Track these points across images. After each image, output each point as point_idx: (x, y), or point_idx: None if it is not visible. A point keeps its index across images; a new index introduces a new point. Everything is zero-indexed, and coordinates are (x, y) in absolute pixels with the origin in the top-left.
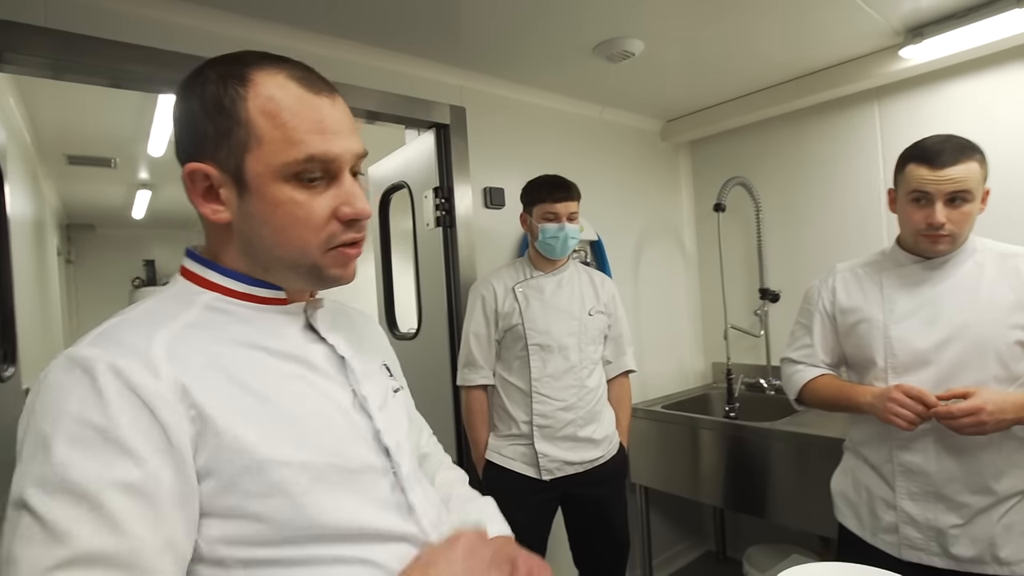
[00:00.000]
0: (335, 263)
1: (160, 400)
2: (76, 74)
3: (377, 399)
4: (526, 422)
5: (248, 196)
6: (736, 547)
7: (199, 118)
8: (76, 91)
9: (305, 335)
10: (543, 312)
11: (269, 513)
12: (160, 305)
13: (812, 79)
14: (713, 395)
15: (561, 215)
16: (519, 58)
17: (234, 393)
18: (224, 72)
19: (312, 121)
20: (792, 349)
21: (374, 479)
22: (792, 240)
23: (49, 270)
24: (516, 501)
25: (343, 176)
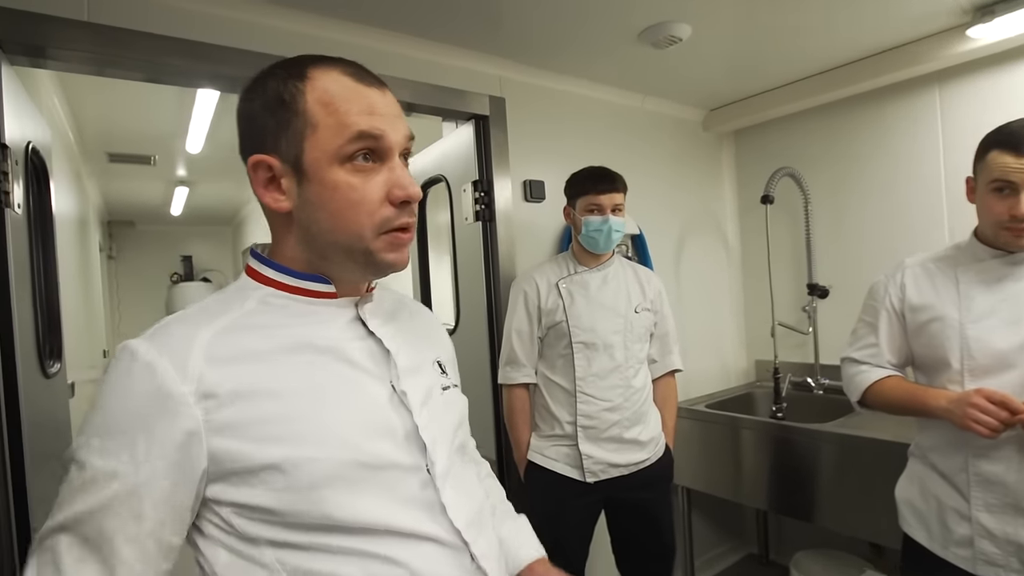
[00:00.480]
0: (388, 247)
1: (181, 404)
2: (117, 68)
3: (419, 394)
4: (570, 422)
5: (306, 183)
6: (779, 551)
7: (261, 114)
8: (117, 89)
9: (352, 329)
10: (588, 309)
11: (282, 507)
12: (219, 300)
13: (868, 63)
14: (757, 394)
15: (605, 207)
16: (561, 46)
17: (259, 393)
18: (284, 72)
19: (362, 105)
20: (855, 348)
21: (401, 476)
22: (842, 234)
23: (92, 266)
24: (559, 504)
25: (393, 159)
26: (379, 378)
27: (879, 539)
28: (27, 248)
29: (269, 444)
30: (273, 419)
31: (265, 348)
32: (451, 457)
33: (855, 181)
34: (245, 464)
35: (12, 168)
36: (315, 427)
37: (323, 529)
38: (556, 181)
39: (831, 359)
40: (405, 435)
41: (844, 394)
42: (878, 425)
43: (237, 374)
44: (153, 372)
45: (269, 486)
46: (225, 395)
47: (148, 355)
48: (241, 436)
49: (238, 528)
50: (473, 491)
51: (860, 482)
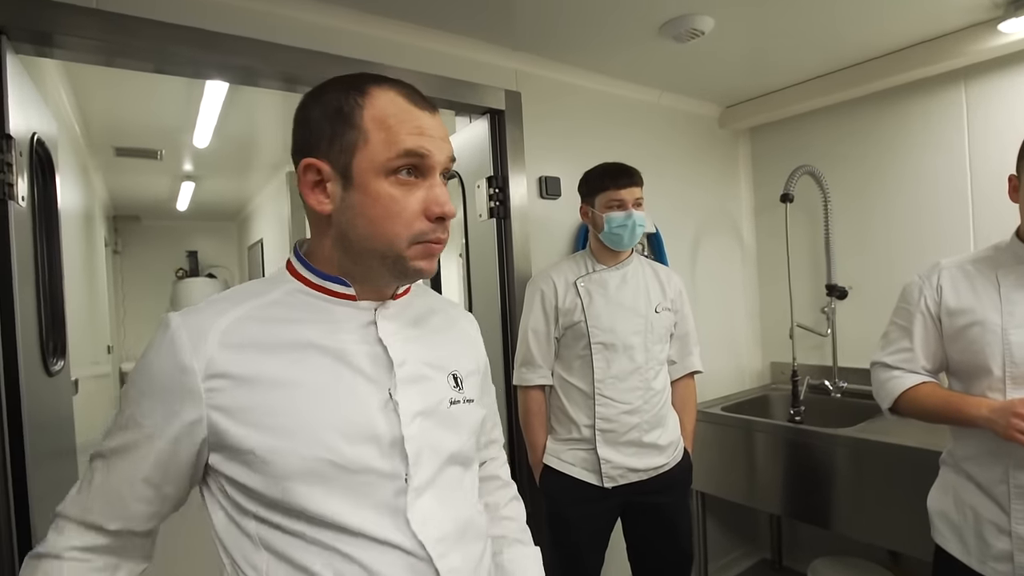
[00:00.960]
0: (419, 255)
1: (192, 379)
2: (125, 58)
3: (416, 405)
4: (588, 426)
5: (351, 190)
6: (793, 556)
7: (319, 121)
8: (124, 82)
9: (364, 332)
10: (607, 308)
11: (259, 489)
12: (255, 285)
13: (891, 59)
14: (773, 397)
15: (627, 202)
16: (580, 39)
17: (257, 382)
18: (347, 86)
19: (412, 125)
20: (887, 353)
21: (376, 481)
22: (862, 234)
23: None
24: (575, 509)
25: (434, 177)
26: (377, 384)
27: (898, 546)
28: (31, 242)
29: (253, 430)
30: (262, 408)
31: (273, 341)
32: (441, 471)
33: (876, 180)
34: (233, 444)
35: (16, 160)
36: (296, 422)
37: (296, 517)
38: (571, 178)
39: (849, 362)
40: (391, 443)
41: (863, 398)
42: (901, 431)
43: (242, 361)
44: (174, 345)
45: (250, 468)
46: (228, 378)
47: (176, 329)
48: (234, 418)
49: (232, 497)
50: (462, 507)
51: (880, 488)
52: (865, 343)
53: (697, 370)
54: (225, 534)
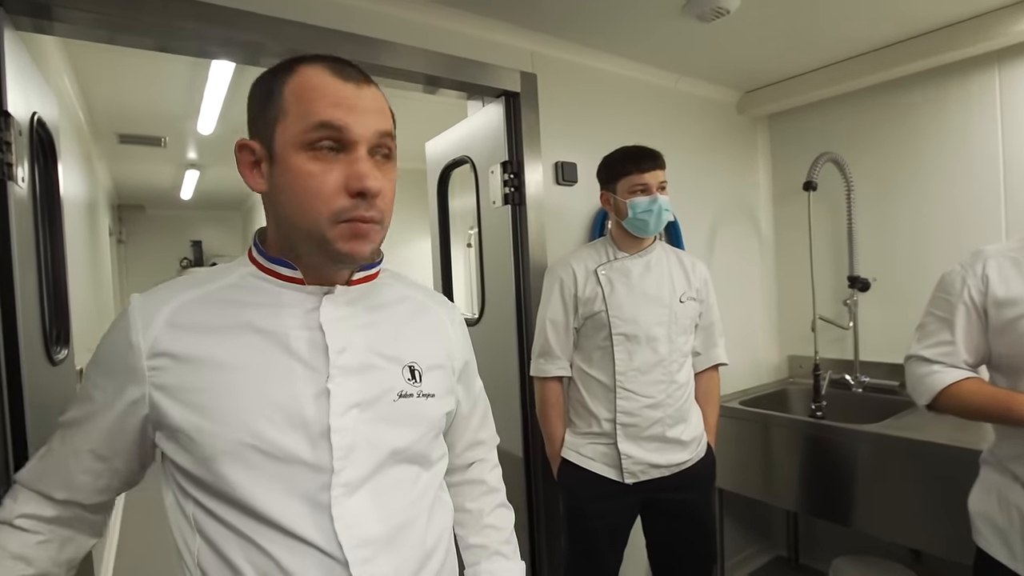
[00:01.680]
0: (345, 236)
1: (138, 356)
2: (127, 33)
3: (354, 396)
4: (608, 420)
5: (275, 167)
6: (810, 554)
7: (254, 103)
8: (127, 67)
9: (307, 318)
10: (629, 298)
11: (191, 469)
12: (215, 271)
13: (920, 41)
14: (791, 391)
15: (651, 186)
16: (600, 19)
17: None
18: (280, 66)
19: (331, 97)
20: (924, 346)
21: (301, 472)
22: (886, 224)
23: (102, 250)
24: (594, 505)
25: (357, 152)
26: (314, 371)
27: (922, 545)
28: (32, 227)
29: (186, 409)
30: (196, 388)
31: (219, 323)
32: (381, 468)
33: (901, 168)
34: (169, 423)
35: (16, 139)
36: (224, 403)
37: (225, 503)
38: (587, 163)
39: (871, 356)
40: (320, 433)
41: (885, 393)
42: (927, 427)
43: (186, 341)
44: (127, 323)
45: (183, 447)
46: (170, 357)
47: (132, 307)
48: (172, 397)
49: (175, 478)
50: (406, 510)
51: (905, 486)
52: (888, 336)
53: (722, 362)
54: (171, 514)
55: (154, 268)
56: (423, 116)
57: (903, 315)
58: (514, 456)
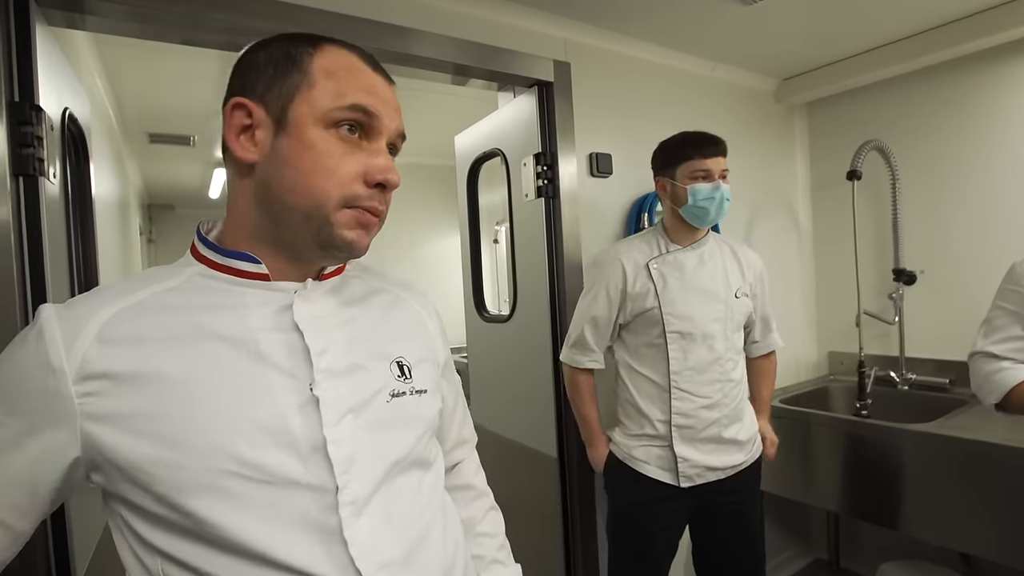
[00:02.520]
0: (350, 223)
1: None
2: (156, 24)
3: (343, 403)
4: (663, 421)
5: (283, 136)
6: (851, 557)
7: (262, 63)
8: (157, 65)
9: (279, 318)
10: (683, 293)
11: (156, 511)
12: (153, 273)
13: (968, 23)
14: (832, 389)
15: (714, 172)
16: (636, 5)
17: (144, 382)
18: (300, 37)
19: (364, 83)
20: (991, 341)
21: (295, 496)
22: (933, 214)
23: (132, 250)
24: (646, 510)
25: (380, 141)
26: (294, 378)
27: (972, 549)
28: (64, 225)
29: (140, 440)
30: (150, 413)
31: (167, 333)
32: (387, 479)
33: (948, 156)
34: (118, 459)
35: (47, 134)
36: (190, 427)
37: (206, 548)
38: (622, 154)
39: (918, 352)
40: (311, 448)
41: (933, 390)
42: (980, 427)
43: (126, 357)
44: (41, 340)
45: (140, 487)
46: (108, 378)
47: (47, 322)
48: (116, 426)
49: (136, 530)
50: (416, 520)
51: (956, 488)
52: (936, 331)
53: (779, 346)
54: (134, 573)
55: None
56: (449, 111)
57: (953, 309)
58: (548, 457)
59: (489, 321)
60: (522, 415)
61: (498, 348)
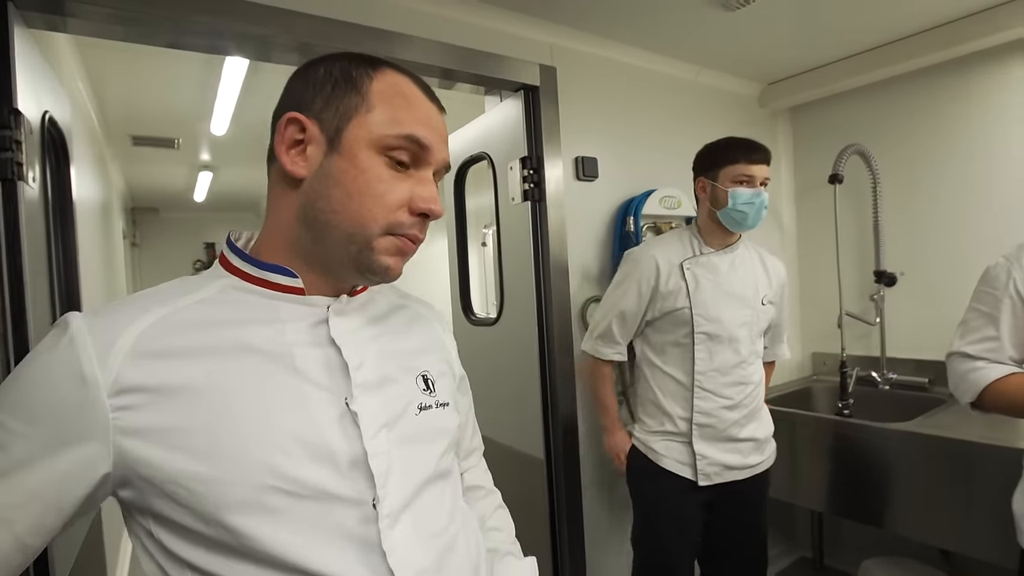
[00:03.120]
0: (389, 250)
1: (94, 394)
2: (139, 28)
3: (380, 416)
4: (684, 419)
5: (334, 156)
6: (834, 555)
7: (320, 80)
8: (141, 67)
9: (314, 333)
10: (714, 296)
11: (194, 526)
12: (183, 284)
13: (946, 30)
14: (816, 389)
15: (756, 178)
16: (621, 10)
17: (181, 396)
18: (360, 59)
19: (421, 114)
20: (967, 342)
21: (336, 509)
22: (913, 217)
23: (116, 254)
24: (666, 502)
25: (427, 171)
26: (331, 392)
27: (952, 545)
28: (44, 229)
29: (178, 454)
30: (187, 427)
31: (202, 346)
32: (416, 491)
33: (928, 160)
34: (153, 475)
35: (26, 138)
36: (230, 442)
37: (242, 562)
38: (608, 158)
39: (898, 352)
40: (350, 462)
41: (913, 390)
42: (960, 426)
43: (162, 371)
44: (75, 351)
45: (177, 502)
46: (143, 392)
47: (79, 331)
48: (152, 441)
49: (164, 543)
50: (443, 530)
51: (937, 485)
52: (916, 332)
53: (785, 358)
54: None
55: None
56: None
57: (932, 310)
58: (535, 459)
59: (476, 324)
60: (509, 418)
61: (485, 351)
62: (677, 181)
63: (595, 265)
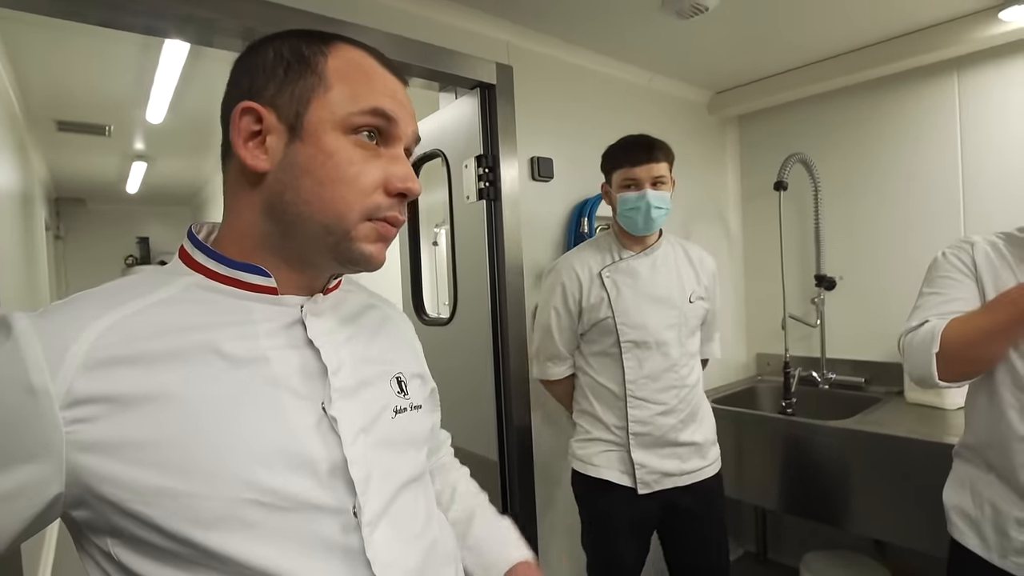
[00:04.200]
0: (371, 236)
1: (43, 406)
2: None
3: (357, 421)
4: (619, 427)
5: (298, 144)
6: (777, 549)
7: (270, 64)
8: (69, 48)
9: (288, 334)
10: (636, 302)
11: (162, 545)
12: (140, 281)
13: (885, 47)
14: (760, 389)
15: (643, 181)
16: (577, 12)
17: (146, 406)
18: (309, 35)
19: (383, 86)
20: (915, 318)
21: (316, 519)
22: (852, 223)
23: (37, 247)
24: (611, 509)
25: (398, 148)
26: (307, 398)
27: (888, 536)
28: None
29: (143, 470)
30: (153, 440)
31: (166, 350)
32: (393, 496)
33: (866, 170)
34: (117, 491)
35: None
36: (202, 454)
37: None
38: (563, 159)
39: (837, 353)
40: (330, 469)
41: (851, 389)
42: (894, 422)
43: (121, 379)
44: (20, 357)
45: (142, 521)
46: (101, 402)
47: (24, 335)
48: (112, 456)
49: (127, 565)
50: (423, 531)
51: (872, 480)
52: (854, 334)
53: (715, 357)
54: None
55: (96, 266)
56: None
57: (868, 312)
58: (489, 460)
59: (429, 324)
60: (462, 418)
61: (438, 351)
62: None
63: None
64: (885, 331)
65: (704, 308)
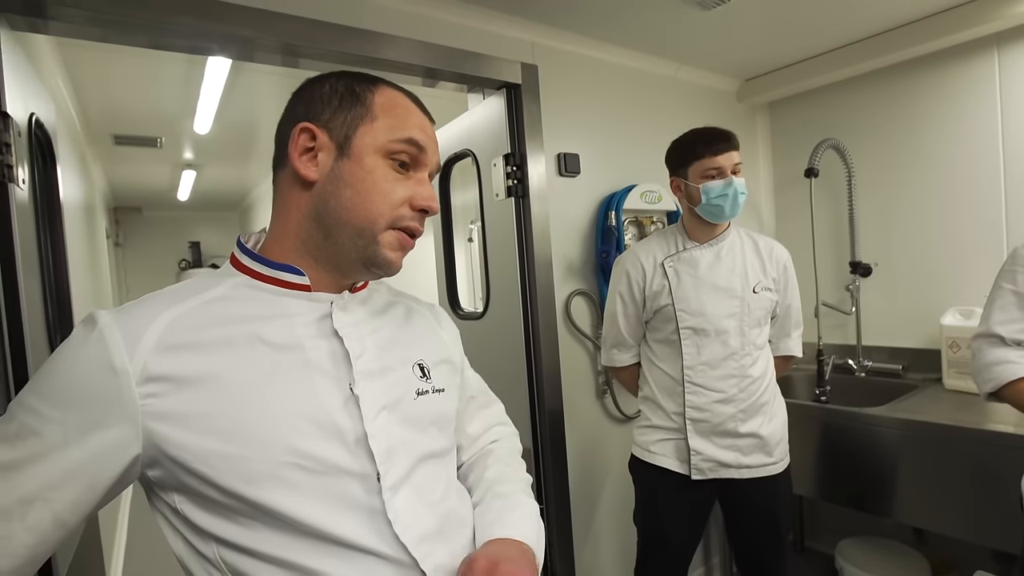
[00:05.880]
0: (392, 244)
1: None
2: (120, 30)
3: (379, 400)
4: (678, 414)
5: (344, 161)
6: (814, 537)
7: (327, 94)
8: (122, 66)
9: (319, 326)
10: (696, 290)
11: (220, 500)
12: (197, 282)
13: (919, 26)
14: (795, 377)
15: (726, 168)
16: (600, 9)
17: (205, 384)
18: (359, 76)
19: (417, 122)
20: (998, 322)
21: (346, 481)
22: (887, 209)
23: (100, 253)
24: (665, 498)
25: (424, 173)
26: (336, 379)
27: (926, 524)
28: (34, 230)
29: (204, 436)
30: (211, 412)
31: (220, 339)
32: (415, 467)
33: (902, 154)
34: (180, 456)
35: (15, 140)
36: (251, 424)
37: (264, 531)
38: (589, 154)
39: (873, 340)
40: (356, 440)
41: (887, 376)
42: (931, 409)
43: (184, 362)
44: (104, 344)
45: (204, 480)
46: (169, 381)
47: (106, 327)
48: (179, 425)
49: (187, 518)
50: (442, 499)
51: (909, 467)
52: (890, 321)
53: (793, 354)
54: (188, 562)
55: (153, 271)
56: None
57: (905, 299)
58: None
59: (464, 318)
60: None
61: (472, 345)
62: (658, 176)
63: (578, 259)
64: (924, 317)
65: (771, 299)
